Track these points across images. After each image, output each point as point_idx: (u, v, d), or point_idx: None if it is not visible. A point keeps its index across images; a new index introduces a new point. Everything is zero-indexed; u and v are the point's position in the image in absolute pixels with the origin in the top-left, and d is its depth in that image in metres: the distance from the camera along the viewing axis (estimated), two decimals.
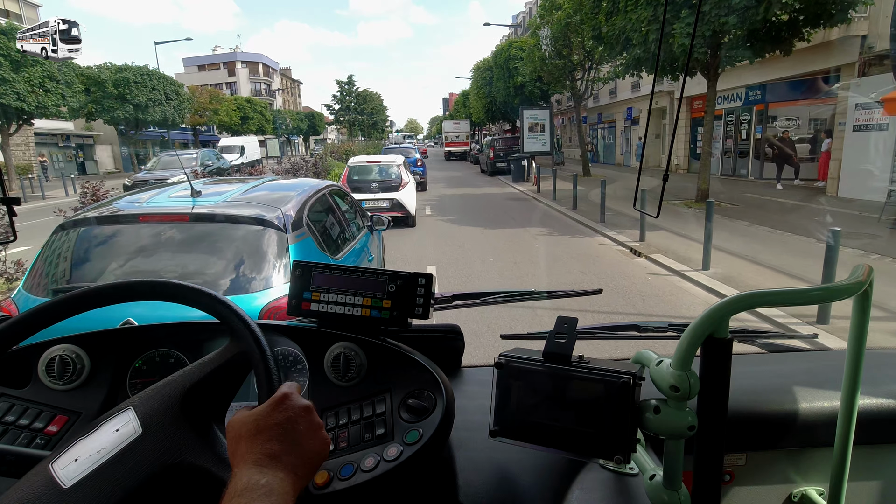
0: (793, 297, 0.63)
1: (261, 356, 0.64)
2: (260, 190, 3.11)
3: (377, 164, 10.53)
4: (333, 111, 55.66)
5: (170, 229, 2.54)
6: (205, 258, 2.49)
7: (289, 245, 2.52)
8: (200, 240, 2.55)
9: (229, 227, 2.54)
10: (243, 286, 2.36)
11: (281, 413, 0.55)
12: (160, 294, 0.70)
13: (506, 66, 26.57)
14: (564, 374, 0.70)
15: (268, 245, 2.50)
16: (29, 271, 2.51)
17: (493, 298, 1.26)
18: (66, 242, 2.54)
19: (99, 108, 25.50)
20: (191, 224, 2.56)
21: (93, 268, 2.48)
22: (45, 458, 0.60)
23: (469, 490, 0.78)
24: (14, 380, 0.87)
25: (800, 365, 1.16)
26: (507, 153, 21.13)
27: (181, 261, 2.49)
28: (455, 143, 40.32)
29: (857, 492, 0.96)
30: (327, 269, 0.93)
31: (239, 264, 2.47)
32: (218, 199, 2.80)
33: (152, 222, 2.55)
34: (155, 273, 2.42)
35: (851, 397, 0.75)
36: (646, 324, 1.21)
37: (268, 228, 2.52)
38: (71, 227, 2.56)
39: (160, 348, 0.94)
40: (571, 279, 6.27)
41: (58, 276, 2.48)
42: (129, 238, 2.56)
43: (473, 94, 36.66)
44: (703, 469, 0.64)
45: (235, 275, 2.42)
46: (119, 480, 0.57)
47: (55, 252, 2.52)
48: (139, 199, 2.83)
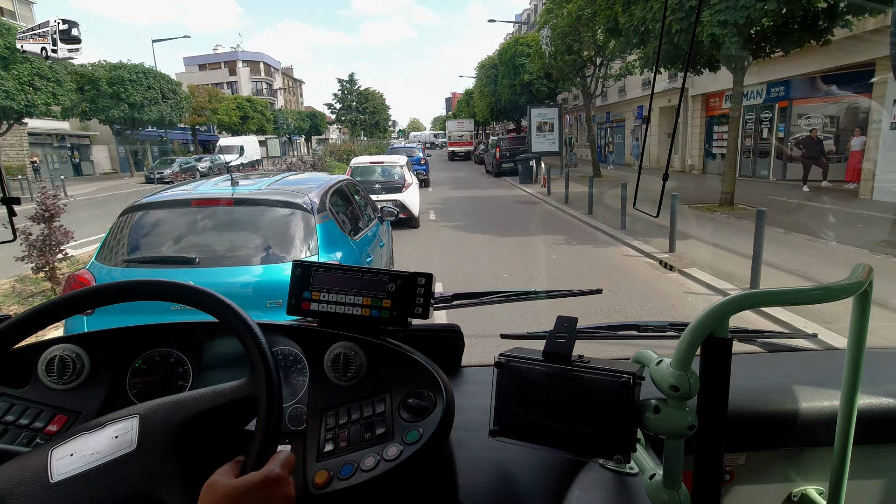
0: (793, 297, 0.63)
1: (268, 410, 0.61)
2: (286, 182, 3.52)
3: (380, 164, 10.37)
4: (335, 110, 54.50)
5: (217, 211, 2.97)
6: (246, 235, 2.91)
7: (315, 224, 2.93)
8: (242, 220, 2.98)
9: (266, 209, 2.96)
10: (279, 257, 2.80)
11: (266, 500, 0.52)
12: (163, 294, 0.69)
13: (511, 63, 25.76)
14: (564, 373, 0.70)
15: (298, 224, 2.91)
16: (100, 247, 2.92)
17: (492, 298, 1.26)
18: (131, 222, 2.94)
19: (93, 108, 24.78)
20: (234, 207, 2.97)
21: (155, 242, 2.91)
22: (48, 442, 0.62)
23: (469, 490, 0.78)
24: (14, 379, 0.87)
25: (800, 364, 1.16)
26: (514, 153, 20.30)
27: (227, 237, 2.91)
28: (459, 143, 39.53)
29: (856, 491, 0.94)
30: (327, 269, 0.93)
31: (275, 240, 2.88)
32: (253, 188, 3.23)
33: (203, 206, 2.97)
34: (206, 247, 2.83)
35: (851, 397, 0.74)
36: (646, 323, 1.21)
37: (298, 211, 2.94)
38: (134, 210, 2.98)
39: (160, 348, 0.93)
40: (602, 299, 5.46)
41: (126, 249, 2.88)
42: (184, 218, 2.98)
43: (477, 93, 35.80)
44: (703, 468, 0.63)
45: (272, 248, 2.84)
46: (97, 492, 0.56)
47: (122, 230, 2.93)
48: (187, 188, 3.33)
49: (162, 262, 2.80)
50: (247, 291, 2.67)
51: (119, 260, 2.83)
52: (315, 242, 2.87)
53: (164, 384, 0.91)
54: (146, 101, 26.52)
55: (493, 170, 21.96)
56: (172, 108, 28.81)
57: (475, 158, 35.53)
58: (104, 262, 2.83)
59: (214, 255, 2.79)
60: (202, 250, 2.82)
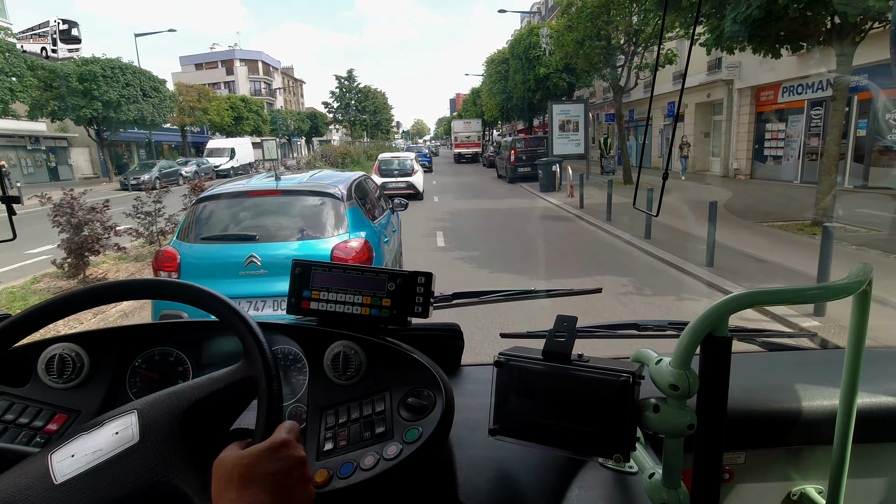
0: (792, 296, 0.63)
1: (267, 385, 0.62)
2: (317, 177, 4.35)
3: (397, 158, 15.73)
4: (332, 109, 51.22)
5: (268, 200, 3.80)
6: (291, 218, 3.73)
7: (345, 210, 3.72)
8: (288, 207, 3.79)
9: (306, 198, 3.81)
10: (317, 235, 3.62)
11: (277, 462, 0.53)
12: (163, 294, 0.69)
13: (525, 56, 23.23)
14: (564, 372, 0.70)
15: (331, 210, 3.71)
16: (179, 229, 3.78)
17: (492, 297, 1.24)
18: (204, 208, 3.77)
19: (63, 106, 22.36)
20: (281, 196, 3.80)
21: (222, 223, 3.72)
22: (46, 447, 0.62)
23: (469, 488, 0.78)
24: (13, 378, 0.87)
25: (799, 363, 1.15)
26: (532, 156, 17.71)
27: (277, 219, 3.72)
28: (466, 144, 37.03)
29: (855, 490, 0.93)
30: (327, 268, 0.92)
31: (313, 221, 3.69)
32: (294, 182, 4.04)
33: (256, 196, 3.82)
34: (262, 226, 3.64)
35: (851, 395, 0.74)
36: (645, 322, 1.20)
37: (331, 199, 3.75)
38: (204, 200, 3.82)
39: (160, 347, 0.94)
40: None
41: (201, 229, 3.67)
42: (242, 205, 3.83)
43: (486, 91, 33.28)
44: (702, 467, 0.63)
45: (311, 228, 3.66)
46: (105, 487, 0.56)
47: (196, 215, 3.75)
48: (241, 183, 4.24)
49: (230, 239, 3.59)
50: None
51: (196, 238, 3.62)
52: (345, 224, 3.66)
53: (164, 383, 0.91)
54: (123, 99, 24.07)
55: (506, 175, 19.32)
56: (155, 107, 26.36)
57: (483, 161, 33.02)
58: (184, 240, 3.63)
59: (268, 233, 3.59)
60: (259, 229, 3.61)
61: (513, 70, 25.79)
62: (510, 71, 26.34)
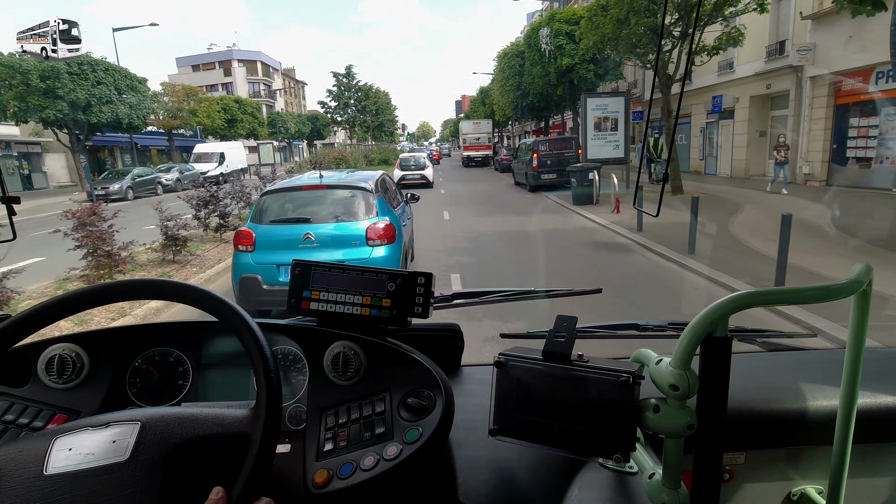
0: (792, 296, 0.63)
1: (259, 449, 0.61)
2: (353, 175, 5.79)
3: (413, 157, 21.57)
4: (329, 109, 48.03)
5: (317, 192, 5.01)
6: (334, 206, 4.92)
7: (375, 200, 4.94)
8: (331, 197, 5.01)
9: (346, 191, 5.03)
10: (355, 218, 4.81)
11: None
12: (163, 294, 0.69)
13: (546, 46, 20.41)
14: (564, 372, 0.69)
15: (365, 199, 4.93)
16: (252, 214, 5.05)
17: (492, 297, 1.24)
18: (268, 199, 5.01)
19: (23, 107, 19.83)
20: (327, 189, 5.03)
21: (283, 210, 4.94)
22: (55, 430, 0.62)
23: (469, 489, 0.78)
24: (13, 378, 0.87)
25: (799, 363, 1.14)
26: (558, 161, 14.86)
27: (324, 207, 4.91)
28: (475, 147, 34.25)
29: (856, 490, 0.91)
30: (327, 268, 0.92)
31: (352, 209, 4.88)
32: (334, 179, 5.34)
33: (308, 189, 5.04)
34: (314, 212, 4.84)
35: (850, 396, 0.73)
36: (645, 323, 1.20)
37: (364, 191, 4.98)
38: (269, 193, 5.10)
39: (160, 347, 0.94)
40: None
41: (269, 214, 4.88)
42: (297, 197, 5.07)
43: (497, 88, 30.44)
44: (702, 468, 0.63)
45: (349, 213, 4.85)
46: (83, 497, 0.56)
47: (264, 203, 4.97)
48: (294, 179, 5.81)
49: (291, 221, 4.82)
50: (338, 237, 4.66)
51: (266, 220, 4.82)
52: (375, 210, 4.85)
53: (164, 383, 0.92)
54: (94, 99, 21.53)
55: (527, 182, 16.46)
56: (133, 108, 23.78)
57: (495, 165, 30.17)
58: (257, 223, 4.80)
59: (319, 217, 4.81)
60: (311, 214, 4.84)
61: (529, 63, 22.99)
62: (526, 64, 23.55)
